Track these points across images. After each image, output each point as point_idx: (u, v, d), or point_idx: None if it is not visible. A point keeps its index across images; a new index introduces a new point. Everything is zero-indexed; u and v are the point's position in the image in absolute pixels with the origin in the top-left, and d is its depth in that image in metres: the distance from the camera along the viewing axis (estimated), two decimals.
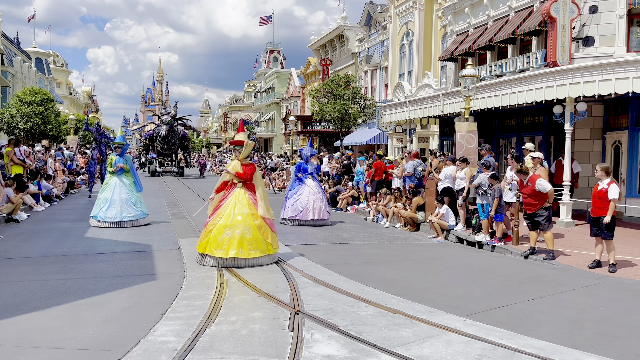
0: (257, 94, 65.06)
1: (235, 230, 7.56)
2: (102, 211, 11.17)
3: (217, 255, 7.52)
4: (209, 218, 7.89)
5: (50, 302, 5.80)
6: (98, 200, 11.45)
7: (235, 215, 7.64)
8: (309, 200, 12.50)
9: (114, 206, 11.20)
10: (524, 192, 9.07)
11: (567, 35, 14.01)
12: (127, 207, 11.28)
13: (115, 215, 11.15)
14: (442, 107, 17.01)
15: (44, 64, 57.64)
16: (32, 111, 33.02)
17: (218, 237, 7.55)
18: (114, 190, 11.37)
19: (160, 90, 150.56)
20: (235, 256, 7.50)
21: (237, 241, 7.52)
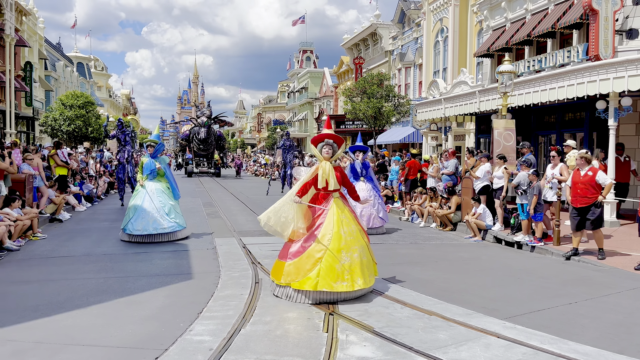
0: (291, 94, 65.40)
1: (353, 254, 5.91)
2: (131, 223, 9.57)
3: (339, 290, 5.73)
4: (295, 241, 6.05)
5: (92, 301, 5.95)
6: (128, 210, 9.89)
7: (346, 235, 5.97)
8: (356, 205, 11.48)
9: (143, 216, 9.52)
10: (581, 182, 8.50)
11: (609, 27, 13.49)
12: (158, 218, 9.55)
13: (144, 228, 9.46)
14: (478, 104, 16.66)
15: (85, 68, 59.52)
16: (74, 114, 34.11)
17: (335, 266, 5.77)
18: (144, 198, 9.71)
19: (196, 91, 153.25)
20: (363, 287, 5.90)
21: (358, 267, 5.89)
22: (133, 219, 9.56)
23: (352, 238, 5.99)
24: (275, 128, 57.04)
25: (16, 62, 29.78)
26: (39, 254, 8.69)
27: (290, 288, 5.89)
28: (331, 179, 6.10)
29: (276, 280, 6.08)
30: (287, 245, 6.15)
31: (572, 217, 8.70)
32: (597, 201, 8.39)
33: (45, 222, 11.85)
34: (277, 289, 6.08)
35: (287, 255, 6.02)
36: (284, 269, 5.99)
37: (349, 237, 5.98)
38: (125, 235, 9.73)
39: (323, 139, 6.34)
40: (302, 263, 5.88)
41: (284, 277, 5.94)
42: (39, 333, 4.89)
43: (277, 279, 6.07)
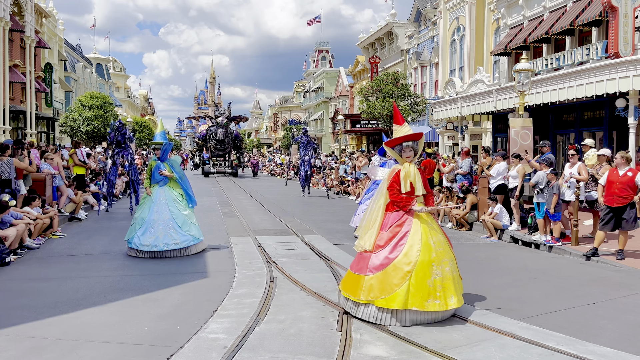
0: (306, 93, 65.49)
1: (444, 267, 5.20)
2: (138, 236, 8.31)
3: (432, 309, 5.04)
4: (375, 251, 5.28)
5: (109, 298, 6.04)
6: (134, 221, 8.61)
7: (436, 245, 5.23)
8: None
9: (152, 230, 8.26)
10: (620, 181, 8.26)
11: (629, 25, 13.27)
12: (170, 232, 8.30)
13: (154, 243, 8.20)
14: (495, 103, 16.51)
15: (104, 69, 60.40)
16: (93, 114, 34.63)
17: (426, 281, 5.06)
18: (152, 208, 8.43)
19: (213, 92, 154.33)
20: (456, 306, 5.21)
21: (451, 283, 5.19)
22: (140, 232, 8.30)
23: (441, 249, 5.26)
24: (291, 128, 57.20)
25: (36, 63, 30.33)
26: (58, 252, 8.84)
27: (373, 306, 5.12)
28: (418, 182, 5.40)
29: (353, 297, 5.25)
30: (363, 256, 5.38)
31: (606, 216, 8.44)
32: (628, 205, 8.23)
33: (65, 221, 12.04)
34: (355, 307, 5.25)
35: (367, 268, 5.22)
36: (363, 283, 5.19)
37: (439, 247, 5.25)
38: (131, 251, 8.46)
39: (401, 142, 5.50)
40: (388, 277, 5.09)
41: (365, 293, 5.15)
42: (57, 330, 4.98)
43: (353, 295, 5.24)
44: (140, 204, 8.86)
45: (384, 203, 5.44)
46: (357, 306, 5.24)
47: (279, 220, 12.82)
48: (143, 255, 8.31)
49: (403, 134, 5.54)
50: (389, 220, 5.35)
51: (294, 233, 10.83)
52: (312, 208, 15.90)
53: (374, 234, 5.34)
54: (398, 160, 5.62)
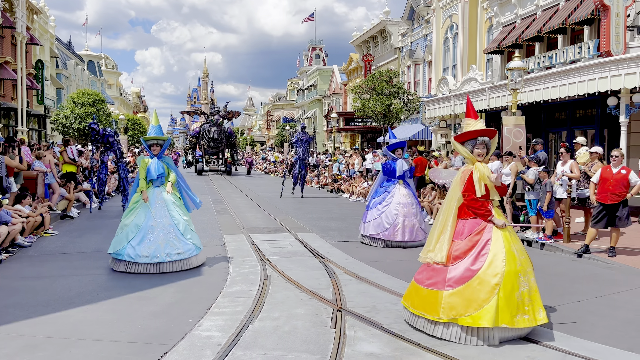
0: (300, 91, 65.44)
1: (530, 277, 4.76)
2: (132, 246, 7.04)
3: (522, 325, 4.58)
4: (452, 263, 4.75)
5: (102, 296, 6.01)
6: (123, 229, 7.27)
7: (519, 253, 4.76)
8: (398, 214, 9.29)
9: (151, 238, 7.09)
10: (613, 178, 8.30)
11: (621, 23, 13.36)
12: (172, 239, 7.17)
13: (154, 253, 7.02)
14: (488, 101, 16.58)
15: (95, 66, 60.00)
16: (85, 112, 34.41)
17: (515, 294, 4.59)
18: (149, 212, 7.24)
19: (206, 89, 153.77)
20: (545, 320, 4.72)
21: (537, 295, 4.76)
22: (135, 241, 7.05)
23: (524, 257, 4.80)
24: (284, 126, 57.13)
25: (27, 60, 30.08)
26: (50, 250, 8.79)
27: (455, 326, 4.59)
28: (483, 180, 4.83)
29: (428, 315, 4.71)
30: (435, 269, 4.82)
31: (599, 214, 8.47)
32: (621, 203, 8.30)
33: (57, 219, 11.97)
34: (432, 325, 4.70)
35: (445, 282, 4.68)
36: (441, 299, 4.64)
37: (521, 255, 4.77)
38: (120, 264, 7.14)
39: (475, 136, 4.94)
40: (473, 292, 4.55)
41: (445, 311, 4.59)
42: (50, 328, 4.95)
43: (429, 313, 4.70)
44: (130, 208, 7.42)
45: (456, 209, 4.89)
46: (435, 325, 4.68)
47: (272, 218, 12.81)
48: (138, 270, 7.01)
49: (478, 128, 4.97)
50: (464, 228, 4.82)
51: (288, 231, 10.83)
52: (306, 206, 15.91)
53: (446, 244, 4.80)
54: (467, 158, 5.05)
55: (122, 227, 7.35)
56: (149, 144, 7.54)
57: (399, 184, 9.58)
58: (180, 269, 7.18)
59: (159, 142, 7.56)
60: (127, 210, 7.47)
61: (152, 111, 7.21)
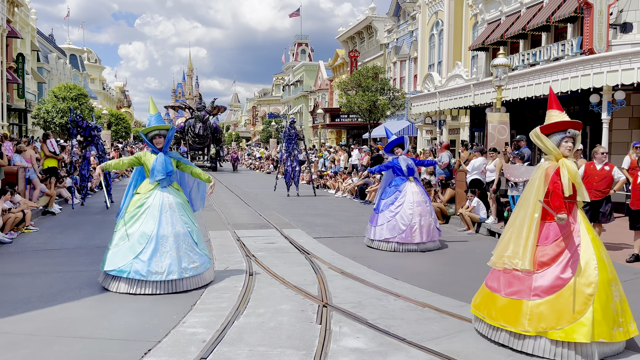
0: (286, 87, 65.26)
1: (619, 287, 4.38)
2: (141, 261, 5.78)
3: (618, 339, 4.21)
4: (537, 270, 4.33)
5: (84, 293, 5.93)
6: (125, 239, 5.97)
7: (607, 260, 4.40)
8: (414, 214, 8.65)
9: (164, 249, 5.86)
10: (598, 175, 8.40)
11: (604, 21, 13.54)
12: (187, 251, 5.97)
13: (170, 268, 5.79)
14: (473, 98, 16.69)
15: (78, 61, 59.13)
16: (67, 106, 33.86)
17: (610, 305, 4.20)
18: (159, 218, 5.96)
19: (191, 84, 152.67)
20: (635, 334, 4.33)
21: (627, 305, 4.37)
22: (145, 254, 5.78)
23: (612, 265, 4.41)
24: (270, 121, 56.93)
25: (8, 53, 29.52)
26: (32, 246, 8.65)
27: (545, 339, 4.17)
28: (581, 184, 4.40)
29: (511, 327, 4.31)
30: (517, 276, 4.40)
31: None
32: (609, 195, 8.43)
33: (38, 215, 11.79)
34: (517, 339, 4.30)
35: (531, 291, 4.27)
36: (527, 310, 4.24)
37: (610, 262, 4.39)
38: (121, 283, 5.81)
39: (566, 127, 4.45)
40: (565, 302, 4.15)
41: (532, 323, 4.20)
42: (31, 325, 4.87)
43: (512, 325, 4.30)
44: (131, 214, 6.06)
45: (540, 210, 4.41)
46: (520, 338, 4.27)
47: (258, 214, 12.77)
48: (147, 290, 5.74)
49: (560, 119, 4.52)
50: (549, 232, 4.39)
51: (273, 227, 10.80)
52: (292, 202, 15.88)
53: (530, 249, 4.35)
54: (550, 153, 4.53)
55: (122, 237, 5.96)
56: (151, 136, 6.22)
57: (410, 181, 8.91)
58: (196, 286, 5.96)
59: (162, 133, 6.23)
60: (127, 216, 6.08)
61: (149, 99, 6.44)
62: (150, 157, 6.22)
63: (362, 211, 13.83)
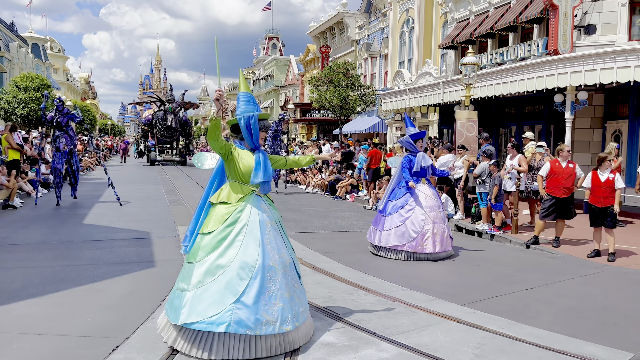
0: (256, 81, 64.73)
1: None
2: (244, 305, 3.94)
3: None
4: None
5: (48, 289, 5.77)
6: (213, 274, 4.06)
7: None
8: (426, 220, 7.83)
9: (272, 287, 4.11)
10: (564, 173, 8.57)
11: (568, 23, 13.90)
12: (296, 290, 4.30)
13: (284, 315, 4.07)
14: (442, 95, 16.92)
15: (40, 50, 57.22)
16: (29, 97, 32.79)
17: None
18: (263, 242, 4.20)
19: (159, 77, 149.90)
20: None
21: None
22: (249, 295, 3.97)
23: None
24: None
25: None
26: None
27: None
28: None
29: None
30: None
31: (550, 207, 8.70)
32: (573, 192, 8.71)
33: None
34: None
35: None
36: None
37: None
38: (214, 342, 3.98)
39: None
40: None
41: None
42: None
43: None
44: (218, 236, 4.15)
45: None
46: None
47: None
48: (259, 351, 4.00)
49: None
50: None
51: None
52: None
53: None
54: None
55: (210, 271, 4.03)
56: (267, 125, 4.54)
57: (423, 183, 8.11)
58: (307, 338, 4.34)
59: (266, 123, 4.52)
60: (211, 239, 4.15)
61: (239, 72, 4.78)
62: (245, 153, 4.40)
63: (332, 207, 13.88)
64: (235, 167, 4.35)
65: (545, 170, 8.89)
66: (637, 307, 5.75)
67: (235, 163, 4.35)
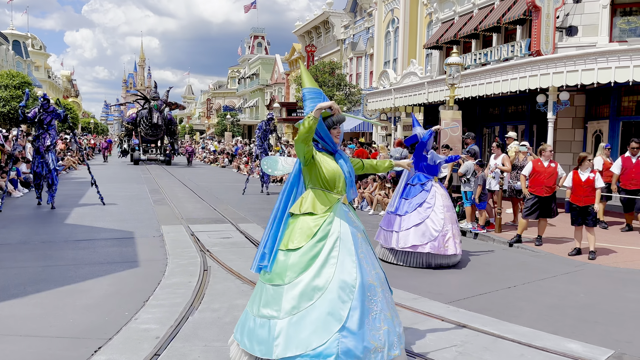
0: (241, 80, 64.49)
1: None
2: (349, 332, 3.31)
3: None
4: None
5: (29, 290, 5.69)
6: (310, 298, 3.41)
7: None
8: (446, 219, 7.33)
9: (375, 308, 3.48)
10: (547, 172, 8.69)
11: (551, 24, 14.08)
12: (393, 308, 3.70)
13: (390, 338, 3.45)
14: (426, 95, 17.02)
15: (21, 47, 56.32)
16: (9, 95, 32.24)
17: None
18: (359, 257, 3.56)
19: (143, 75, 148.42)
20: None
21: None
22: (353, 319, 3.37)
23: None
24: (225, 114, 56.15)
25: None
26: None
27: None
28: None
29: None
30: None
31: (533, 206, 8.79)
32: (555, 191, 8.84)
33: None
34: None
35: None
36: None
37: None
38: None
39: None
40: None
41: None
42: None
43: None
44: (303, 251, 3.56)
45: None
46: None
47: (212, 209, 12.59)
48: None
49: None
50: None
51: (229, 221, 10.68)
52: (247, 196, 15.75)
53: None
54: None
55: (305, 294, 3.43)
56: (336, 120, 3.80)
57: (435, 181, 7.70)
58: None
59: (337, 117, 3.79)
60: (300, 257, 3.54)
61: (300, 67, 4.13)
62: (326, 156, 3.79)
63: None
64: (318, 172, 3.71)
65: (528, 169, 9.01)
66: (618, 305, 5.86)
67: (318, 168, 3.71)
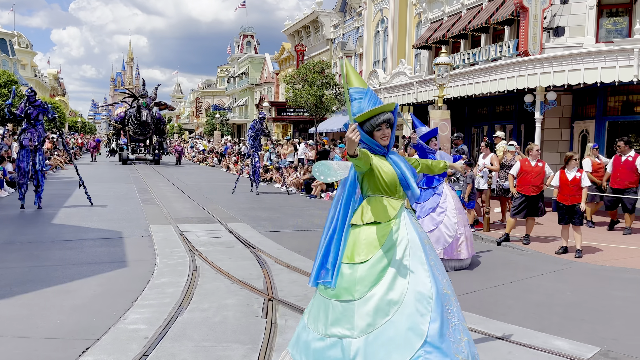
0: (231, 79, 64.25)
1: None
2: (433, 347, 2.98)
3: None
4: None
5: (16, 290, 5.62)
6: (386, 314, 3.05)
7: None
8: (459, 223, 7.18)
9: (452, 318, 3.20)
10: (534, 171, 8.78)
11: (538, 25, 14.20)
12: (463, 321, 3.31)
13: (471, 349, 3.23)
14: (415, 95, 17.10)
15: (7, 45, 55.60)
16: None
17: None
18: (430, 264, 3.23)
19: (131, 73, 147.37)
20: None
21: None
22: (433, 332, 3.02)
23: None
24: (214, 113, 55.90)
25: None
26: None
27: None
28: None
29: None
30: None
31: (520, 205, 8.88)
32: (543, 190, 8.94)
33: None
34: None
35: None
36: None
37: None
38: None
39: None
40: None
41: None
42: None
43: None
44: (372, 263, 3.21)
45: None
46: None
47: (202, 208, 12.54)
48: None
49: None
50: None
51: (218, 221, 10.65)
52: (237, 196, 15.71)
53: None
54: None
55: (380, 309, 3.09)
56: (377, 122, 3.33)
57: (446, 184, 7.45)
58: None
59: (383, 117, 3.35)
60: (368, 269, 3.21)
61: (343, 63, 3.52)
62: (381, 159, 3.42)
63: (307, 205, 13.89)
64: (377, 178, 3.37)
65: (516, 169, 9.08)
66: (604, 303, 5.93)
67: (377, 174, 3.37)
